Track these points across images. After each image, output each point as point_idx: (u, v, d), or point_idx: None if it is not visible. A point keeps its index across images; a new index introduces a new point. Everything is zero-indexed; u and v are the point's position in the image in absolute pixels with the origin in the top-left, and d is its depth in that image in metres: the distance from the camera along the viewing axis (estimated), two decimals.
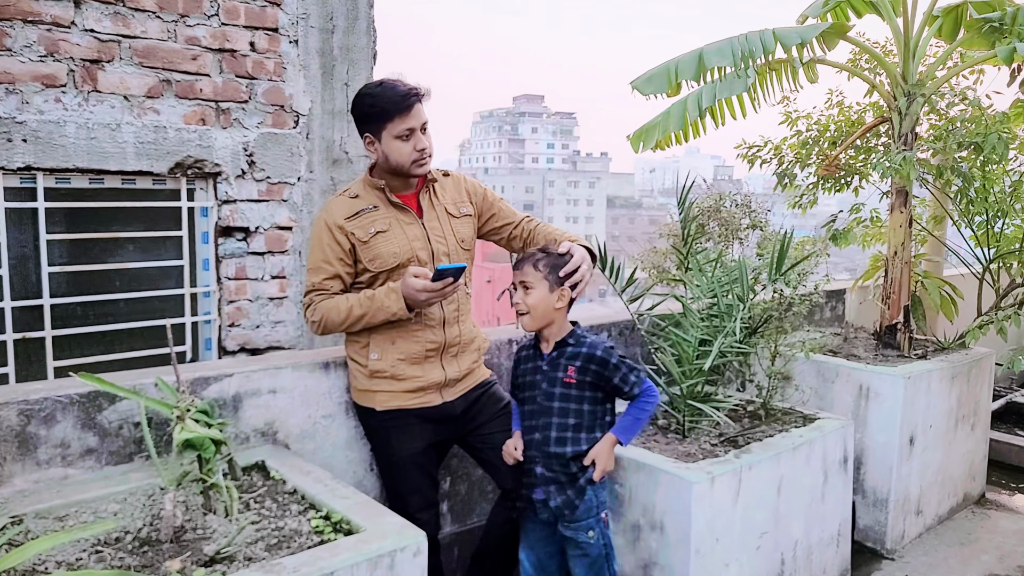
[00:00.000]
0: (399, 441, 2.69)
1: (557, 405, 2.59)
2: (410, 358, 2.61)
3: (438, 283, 2.41)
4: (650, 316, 3.96)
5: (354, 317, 2.51)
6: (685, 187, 3.92)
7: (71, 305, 3.41)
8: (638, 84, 5.02)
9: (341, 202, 2.61)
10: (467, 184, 2.80)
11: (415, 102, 2.50)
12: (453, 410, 2.71)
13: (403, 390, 2.64)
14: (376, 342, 2.63)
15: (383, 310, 2.48)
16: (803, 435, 3.64)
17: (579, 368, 2.56)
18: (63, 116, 3.24)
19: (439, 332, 2.64)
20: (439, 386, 2.67)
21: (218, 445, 2.41)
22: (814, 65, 4.99)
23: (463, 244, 2.71)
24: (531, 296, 2.52)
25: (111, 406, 2.66)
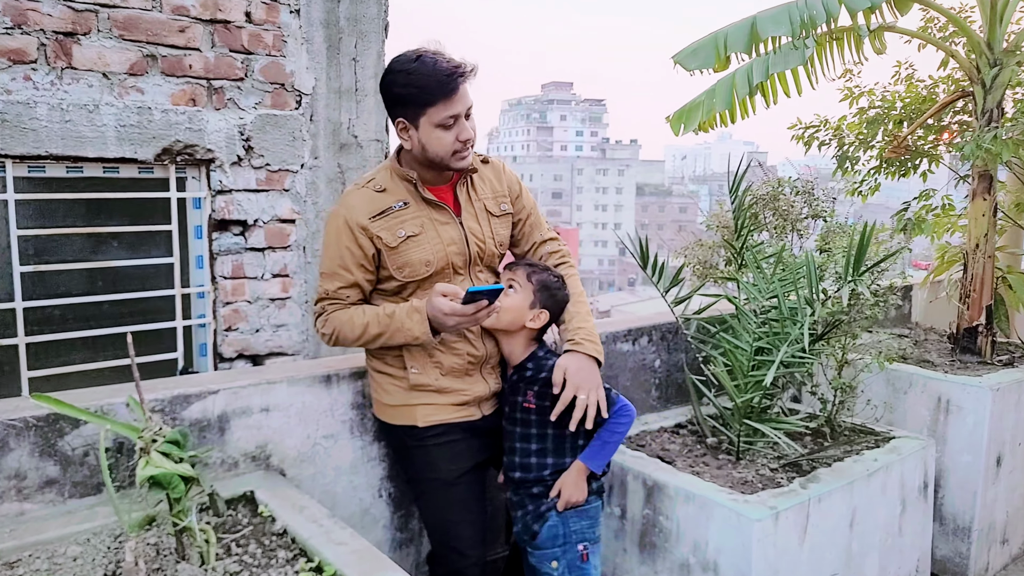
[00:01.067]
0: (447, 460, 2.37)
1: (518, 430, 2.40)
2: (451, 372, 2.31)
3: (469, 307, 2.07)
4: (697, 319, 3.50)
5: (370, 336, 2.20)
6: (738, 173, 3.44)
7: (47, 308, 3.05)
8: (681, 58, 4.53)
9: (364, 196, 2.20)
10: (505, 173, 2.41)
11: (461, 83, 2.07)
12: (491, 424, 2.45)
13: (448, 403, 2.33)
14: (412, 354, 2.29)
15: (403, 332, 2.16)
16: (878, 459, 3.17)
17: (537, 393, 2.34)
18: (33, 96, 2.87)
19: (479, 344, 2.33)
20: (479, 400, 2.39)
21: (190, 482, 2.02)
22: (882, 33, 4.46)
23: (502, 248, 2.37)
24: (509, 297, 2.30)
25: (74, 430, 2.29)
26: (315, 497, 2.74)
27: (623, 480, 3.09)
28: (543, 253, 2.50)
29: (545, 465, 2.38)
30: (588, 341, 2.30)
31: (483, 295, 2.06)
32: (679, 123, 5.07)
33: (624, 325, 3.63)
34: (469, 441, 2.37)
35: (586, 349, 2.28)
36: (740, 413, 3.19)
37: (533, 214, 2.48)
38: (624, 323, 3.70)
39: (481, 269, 2.33)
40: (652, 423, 3.62)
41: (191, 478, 2.00)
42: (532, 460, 2.38)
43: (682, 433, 3.53)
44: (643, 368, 3.68)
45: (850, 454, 3.22)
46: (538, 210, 2.52)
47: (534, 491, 2.40)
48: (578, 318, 2.37)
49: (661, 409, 3.78)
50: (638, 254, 3.39)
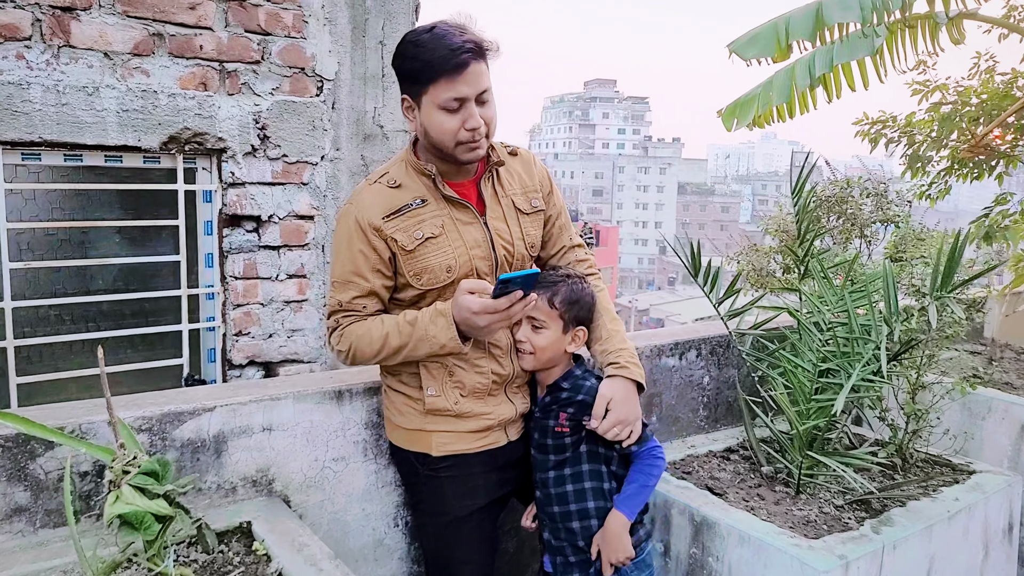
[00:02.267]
0: (458, 496, 2.09)
1: (552, 459, 2.12)
2: (473, 393, 2.00)
3: (502, 301, 1.75)
4: (753, 334, 3.14)
5: (391, 349, 1.90)
6: (802, 173, 3.07)
7: (39, 309, 2.81)
8: (738, 46, 4.17)
9: (377, 193, 1.91)
10: (536, 166, 2.12)
11: (469, 60, 1.75)
12: (517, 451, 2.16)
13: (467, 430, 2.03)
14: (429, 372, 2.00)
15: (427, 341, 1.85)
16: (959, 497, 2.79)
17: (571, 416, 2.07)
18: (27, 77, 2.63)
19: (507, 362, 2.03)
20: (505, 424, 2.09)
21: (167, 521, 1.75)
22: (961, 21, 4.04)
23: (533, 250, 2.06)
24: (541, 336, 2.03)
25: (48, 452, 2.03)
26: (323, 527, 2.46)
27: (667, 514, 2.76)
28: (571, 260, 2.20)
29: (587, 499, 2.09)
30: (633, 364, 2.04)
31: (516, 284, 1.74)
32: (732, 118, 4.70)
33: (670, 338, 3.28)
34: (487, 475, 2.09)
35: (631, 374, 2.02)
36: (802, 442, 2.83)
37: (564, 214, 2.19)
38: (670, 335, 3.36)
39: None
40: (699, 446, 3.28)
41: (168, 517, 1.73)
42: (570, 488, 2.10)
43: (733, 459, 3.18)
44: (690, 385, 3.33)
45: (926, 490, 2.86)
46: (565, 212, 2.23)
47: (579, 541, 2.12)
48: (617, 337, 2.08)
49: (709, 430, 3.43)
50: (688, 260, 3.05)
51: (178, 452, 2.20)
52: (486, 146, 1.86)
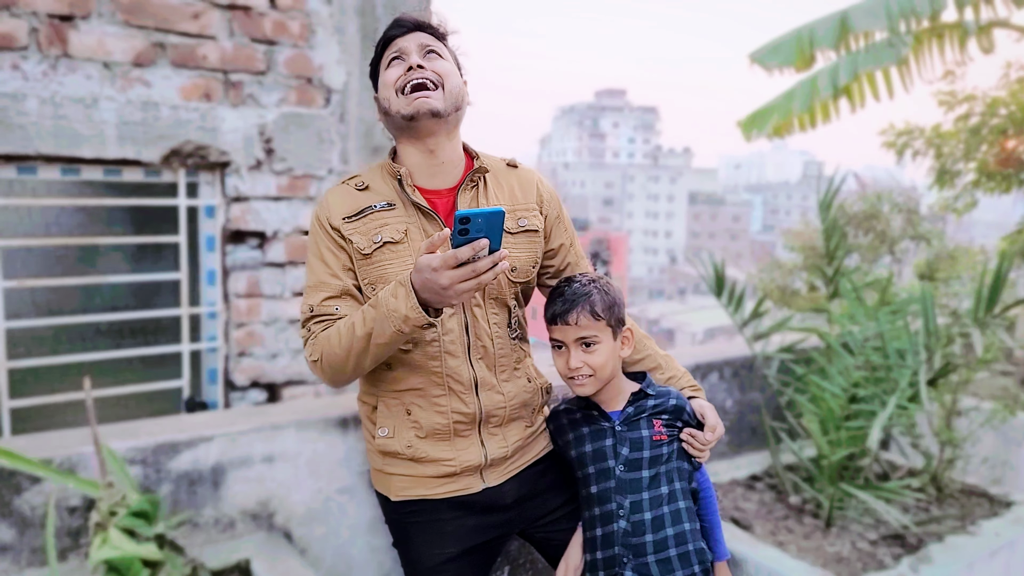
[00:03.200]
0: (423, 544, 1.84)
1: (647, 475, 1.83)
2: (432, 435, 1.75)
3: (464, 250, 1.39)
4: (780, 356, 3.00)
5: (358, 341, 1.59)
6: (830, 187, 2.93)
7: (34, 329, 2.70)
8: (761, 56, 4.04)
9: (343, 193, 1.74)
10: (542, 187, 1.88)
11: (404, 30, 1.70)
12: (501, 498, 1.85)
13: (427, 475, 1.78)
14: (385, 409, 1.78)
15: (389, 318, 1.53)
16: (1000, 532, 2.64)
17: (667, 423, 1.88)
18: (22, 88, 2.52)
19: (471, 399, 1.75)
20: (477, 468, 1.80)
21: (156, 567, 1.62)
22: (990, 30, 3.91)
23: (513, 275, 1.77)
24: (597, 354, 1.79)
25: (34, 486, 1.91)
26: (327, 562, 2.33)
27: None
28: None
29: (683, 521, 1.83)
30: (700, 391, 2.01)
31: (478, 224, 1.38)
32: (751, 127, 4.58)
33: (691, 359, 3.14)
34: (459, 521, 1.82)
35: (705, 399, 1.98)
36: (832, 471, 2.69)
37: (576, 243, 1.96)
38: (691, 356, 3.22)
39: (478, 303, 1.74)
40: (723, 473, 3.13)
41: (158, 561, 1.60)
42: (666, 511, 1.82)
43: (758, 488, 3.04)
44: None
45: (963, 524, 2.70)
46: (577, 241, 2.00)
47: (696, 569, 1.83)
48: (675, 362, 2.03)
49: (732, 456, 3.28)
50: (711, 277, 2.92)
51: (173, 485, 2.08)
52: (438, 100, 1.64)
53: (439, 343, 1.71)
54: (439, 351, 1.71)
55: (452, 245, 1.40)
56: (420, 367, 1.72)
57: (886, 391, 2.54)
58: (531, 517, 1.92)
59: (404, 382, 1.74)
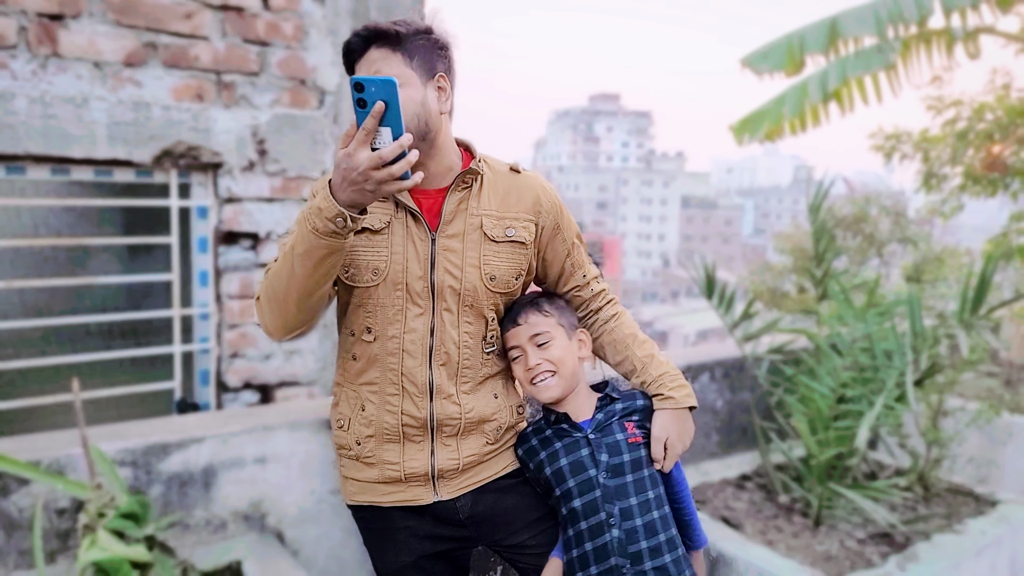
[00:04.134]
0: (377, 550, 1.82)
1: (631, 479, 1.77)
2: (381, 434, 1.70)
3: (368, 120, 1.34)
4: (769, 357, 3.02)
5: (296, 258, 1.50)
6: (819, 191, 2.95)
7: (23, 330, 2.69)
8: (751, 61, 4.07)
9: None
10: (544, 195, 1.78)
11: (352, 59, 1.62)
12: (454, 513, 1.78)
13: (374, 480, 1.74)
14: (345, 401, 1.75)
15: (307, 218, 1.46)
16: (986, 531, 2.66)
17: (639, 423, 1.84)
18: (11, 87, 2.52)
19: (423, 404, 1.69)
20: (426, 477, 1.74)
21: (146, 568, 1.62)
22: (977, 36, 3.95)
23: (491, 284, 1.70)
24: (553, 348, 1.78)
25: (22, 488, 1.90)
26: (319, 563, 2.33)
27: None
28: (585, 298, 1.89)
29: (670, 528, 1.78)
30: (677, 388, 1.81)
31: (372, 91, 1.33)
32: (743, 132, 4.61)
33: (683, 360, 3.16)
34: (413, 529, 1.77)
35: (677, 402, 1.80)
36: (821, 471, 2.71)
37: (575, 252, 1.86)
38: (683, 357, 3.24)
39: (449, 307, 1.68)
40: (713, 473, 3.15)
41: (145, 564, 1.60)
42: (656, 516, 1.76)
43: (748, 487, 3.06)
44: (703, 409, 3.21)
45: (950, 523, 2.73)
46: (580, 241, 1.90)
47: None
48: (652, 363, 1.83)
49: (723, 456, 3.30)
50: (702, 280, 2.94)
51: (164, 486, 2.07)
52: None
53: (399, 340, 1.66)
54: (398, 348, 1.66)
55: (357, 124, 1.38)
56: (379, 362, 1.68)
57: (874, 391, 2.56)
58: (490, 539, 1.84)
59: (364, 375, 1.71)
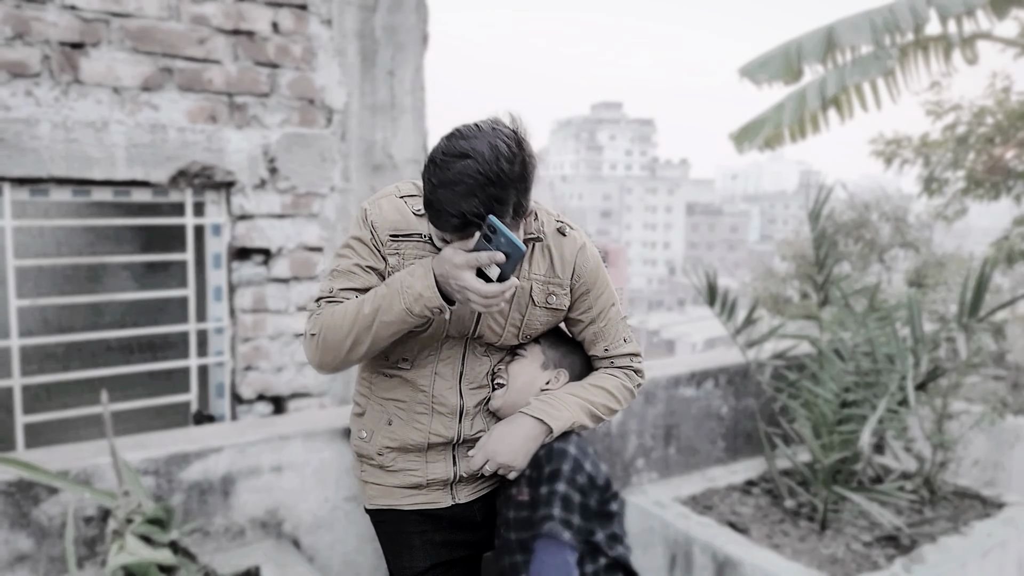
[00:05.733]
0: (393, 555, 1.86)
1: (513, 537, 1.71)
2: (404, 447, 1.76)
3: (483, 255, 1.44)
4: (773, 363, 3.07)
5: (364, 316, 1.55)
6: (819, 197, 3.01)
7: (46, 346, 2.78)
8: (750, 70, 4.14)
9: (399, 208, 1.67)
10: (581, 258, 1.74)
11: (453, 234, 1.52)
12: (471, 515, 1.83)
13: (395, 485, 1.79)
14: (370, 415, 1.78)
15: (401, 294, 1.52)
16: (992, 533, 2.70)
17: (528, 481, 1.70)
18: (35, 113, 2.61)
19: (451, 424, 1.74)
20: (446, 483, 1.80)
21: (170, 572, 1.69)
22: (974, 41, 4.01)
23: (523, 339, 1.75)
24: (516, 363, 1.73)
25: (52, 496, 1.98)
26: (334, 569, 2.40)
27: (688, 551, 2.68)
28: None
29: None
30: (543, 402, 1.72)
31: (501, 241, 1.41)
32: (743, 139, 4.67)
33: (687, 367, 3.22)
34: (430, 535, 1.80)
35: (531, 410, 1.70)
36: (826, 475, 2.75)
37: (602, 321, 1.80)
38: (687, 365, 3.29)
39: (484, 351, 1.73)
40: (719, 479, 3.20)
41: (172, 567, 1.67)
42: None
43: (754, 493, 3.10)
44: (708, 416, 3.26)
45: (956, 525, 2.76)
46: (615, 314, 1.82)
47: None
48: (570, 386, 1.78)
49: (728, 461, 3.35)
50: (704, 287, 2.99)
51: (185, 494, 2.15)
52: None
53: (433, 366, 1.70)
54: (431, 372, 1.71)
55: (474, 248, 1.45)
56: (409, 383, 1.72)
57: (876, 395, 2.61)
58: None
59: (392, 392, 1.74)
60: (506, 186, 1.45)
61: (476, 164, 1.43)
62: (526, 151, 1.48)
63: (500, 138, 1.46)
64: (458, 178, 1.43)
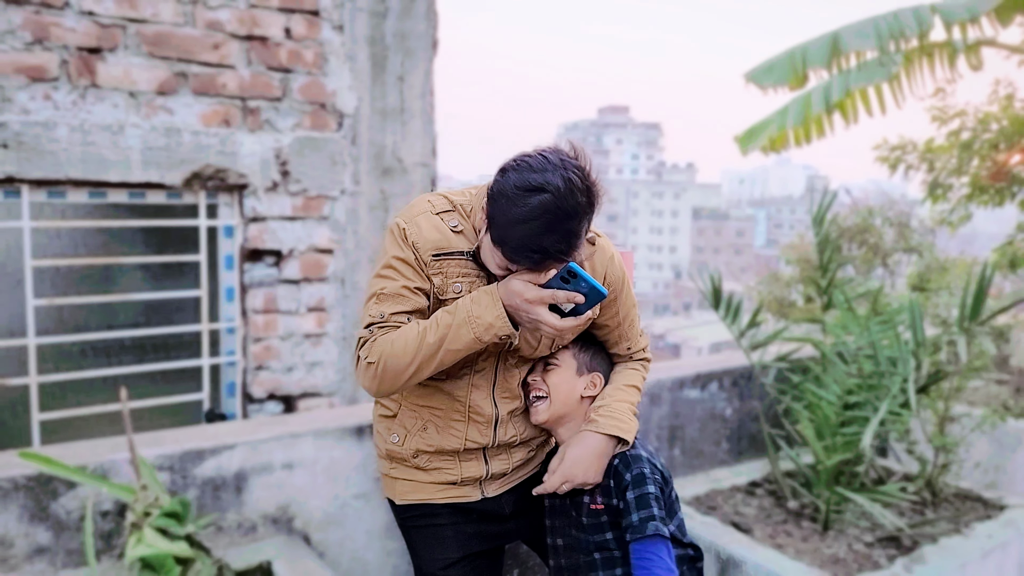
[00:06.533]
0: (425, 548, 1.93)
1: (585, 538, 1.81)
2: (440, 452, 1.83)
3: (561, 294, 1.48)
4: (776, 365, 3.11)
5: (428, 347, 1.57)
6: (823, 202, 3.05)
7: (62, 345, 2.83)
8: (755, 75, 4.18)
9: (436, 226, 1.67)
10: (611, 269, 1.78)
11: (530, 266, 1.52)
12: (499, 508, 1.91)
13: (429, 481, 1.87)
14: (404, 418, 1.84)
15: (469, 323, 1.54)
16: (992, 534, 2.73)
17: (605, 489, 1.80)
18: (53, 116, 2.67)
19: (487, 432, 1.80)
20: (477, 480, 1.87)
21: (188, 564, 1.74)
22: (979, 48, 4.04)
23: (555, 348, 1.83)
24: (554, 374, 1.80)
25: (70, 491, 2.03)
26: (343, 565, 2.44)
27: None
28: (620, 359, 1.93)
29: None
30: (609, 417, 1.77)
31: (582, 284, 1.47)
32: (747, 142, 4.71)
33: (692, 369, 3.25)
34: (458, 527, 1.87)
35: (600, 427, 1.76)
36: (828, 476, 2.78)
37: (626, 323, 1.87)
38: (692, 367, 3.33)
39: (516, 363, 1.79)
40: (723, 480, 3.23)
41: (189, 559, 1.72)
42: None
43: (758, 494, 3.13)
44: (713, 417, 3.29)
45: (957, 526, 2.79)
46: (635, 314, 1.90)
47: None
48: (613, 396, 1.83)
49: (732, 463, 3.38)
50: (708, 290, 3.03)
51: (199, 490, 2.19)
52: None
53: (469, 377, 1.75)
54: (467, 384, 1.75)
55: (549, 284, 1.49)
56: (447, 393, 1.76)
57: (879, 397, 2.64)
58: (531, 527, 1.97)
59: (428, 399, 1.79)
60: (581, 219, 1.46)
61: (553, 199, 1.42)
62: (593, 181, 1.49)
63: (571, 170, 1.46)
64: (535, 214, 1.43)
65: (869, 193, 5.14)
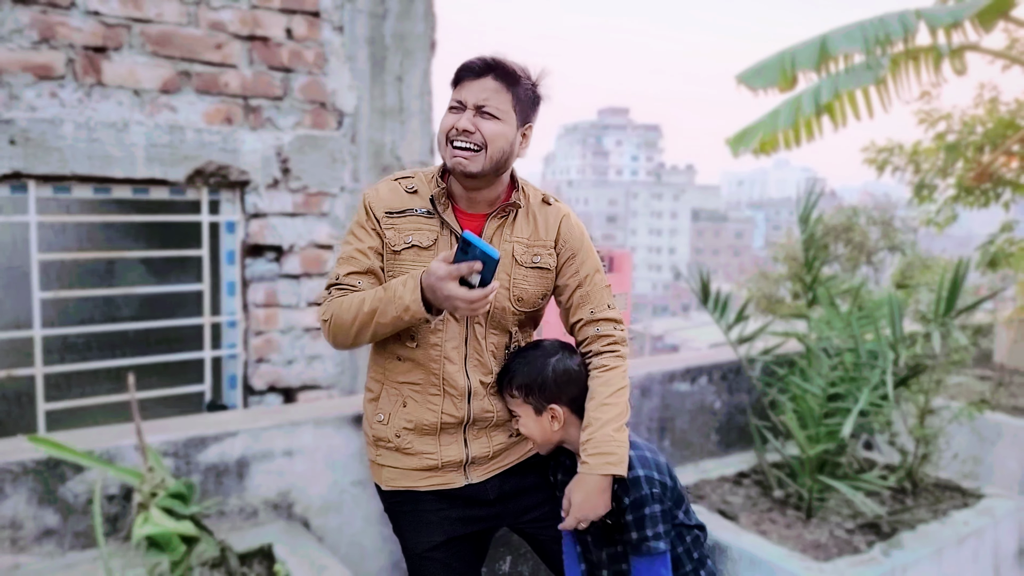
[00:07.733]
0: (410, 532, 2.02)
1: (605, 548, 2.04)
2: (420, 429, 1.92)
3: (463, 267, 1.61)
4: (763, 360, 3.20)
5: (363, 314, 1.78)
6: (808, 202, 3.14)
7: (67, 337, 2.91)
8: (746, 77, 4.27)
9: (393, 189, 1.90)
10: (565, 224, 1.95)
11: (473, 72, 1.78)
12: (484, 494, 1.99)
13: (412, 467, 1.95)
14: (386, 398, 1.95)
15: (394, 302, 1.73)
16: (969, 521, 2.82)
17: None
18: (60, 114, 2.74)
19: (461, 405, 1.90)
20: (459, 464, 1.95)
21: (193, 542, 1.81)
22: (963, 52, 4.13)
23: (519, 304, 1.91)
24: (521, 424, 1.95)
25: (77, 475, 2.10)
26: (341, 549, 2.52)
27: None
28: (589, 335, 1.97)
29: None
30: (599, 455, 1.84)
31: (475, 252, 1.59)
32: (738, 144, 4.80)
33: (682, 363, 3.34)
34: (442, 512, 1.97)
35: (592, 468, 1.83)
36: (812, 466, 2.87)
37: (588, 285, 1.97)
38: (682, 361, 3.41)
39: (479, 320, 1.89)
40: (712, 471, 3.31)
41: (194, 538, 1.80)
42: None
43: (745, 483, 3.22)
44: (702, 410, 3.38)
45: (936, 515, 2.88)
46: (600, 280, 2.00)
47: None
48: (595, 424, 1.87)
49: (721, 455, 3.47)
50: (698, 287, 3.12)
51: (202, 476, 2.27)
52: (476, 163, 1.77)
53: (440, 348, 1.87)
54: (440, 355, 1.87)
55: (453, 260, 1.63)
56: (422, 366, 1.88)
57: (860, 389, 2.73)
58: (515, 513, 2.05)
59: (406, 375, 1.91)
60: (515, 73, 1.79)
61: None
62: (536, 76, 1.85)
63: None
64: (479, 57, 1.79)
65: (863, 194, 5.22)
